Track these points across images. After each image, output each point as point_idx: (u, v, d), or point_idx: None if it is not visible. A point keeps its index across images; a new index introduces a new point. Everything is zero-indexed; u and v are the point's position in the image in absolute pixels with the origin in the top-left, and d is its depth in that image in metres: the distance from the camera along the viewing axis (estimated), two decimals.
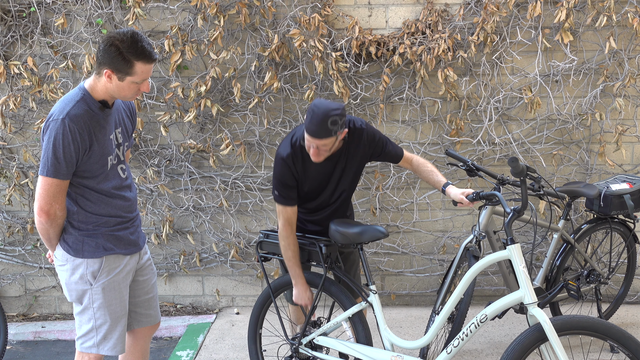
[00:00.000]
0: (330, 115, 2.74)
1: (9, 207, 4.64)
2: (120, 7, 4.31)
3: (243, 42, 4.33)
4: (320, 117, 2.74)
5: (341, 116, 2.77)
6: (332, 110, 2.75)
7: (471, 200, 2.93)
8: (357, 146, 3.02)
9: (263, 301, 3.37)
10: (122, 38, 2.44)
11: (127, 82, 2.50)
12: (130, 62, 2.45)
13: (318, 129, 2.75)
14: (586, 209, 4.07)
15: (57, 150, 2.45)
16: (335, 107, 2.77)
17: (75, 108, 2.49)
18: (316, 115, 2.75)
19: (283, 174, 2.96)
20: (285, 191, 2.99)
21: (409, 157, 3.19)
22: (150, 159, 4.50)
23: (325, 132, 2.75)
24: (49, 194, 2.50)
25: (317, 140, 2.79)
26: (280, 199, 3.00)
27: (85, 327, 2.69)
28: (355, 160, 3.05)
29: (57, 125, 2.45)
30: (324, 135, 2.76)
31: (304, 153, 2.96)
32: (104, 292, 2.65)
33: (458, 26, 4.20)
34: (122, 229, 2.70)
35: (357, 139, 3.01)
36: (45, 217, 2.52)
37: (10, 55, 4.40)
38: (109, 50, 2.45)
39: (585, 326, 2.59)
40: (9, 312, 4.78)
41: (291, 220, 3.03)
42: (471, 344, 4.00)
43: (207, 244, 4.65)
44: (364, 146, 3.03)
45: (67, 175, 2.51)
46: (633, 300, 4.56)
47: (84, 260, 2.63)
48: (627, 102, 4.36)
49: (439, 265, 4.60)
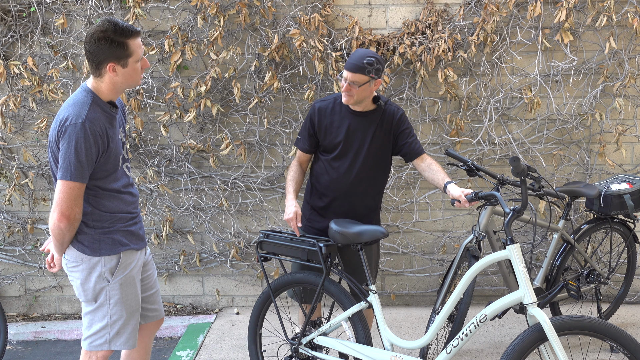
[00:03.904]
0: (368, 54, 2.98)
1: (9, 207, 4.64)
2: (120, 7, 4.31)
3: (243, 42, 4.33)
4: (359, 54, 2.99)
5: (378, 61, 2.99)
6: (370, 53, 3.00)
7: (470, 201, 2.92)
8: (389, 122, 3.17)
9: (263, 301, 3.37)
10: (104, 28, 2.46)
11: (130, 65, 2.53)
12: (124, 43, 2.48)
13: (353, 63, 2.97)
14: (586, 209, 4.07)
15: (80, 154, 2.46)
16: (375, 54, 3.01)
17: (92, 111, 2.50)
18: (356, 53, 3.02)
19: (308, 118, 3.24)
20: (302, 133, 3.28)
21: (427, 158, 3.23)
22: (150, 159, 4.50)
23: (359, 68, 2.96)
24: (71, 198, 2.50)
25: (350, 74, 2.99)
26: (297, 141, 3.33)
27: (97, 325, 2.69)
28: (381, 133, 3.16)
29: (77, 129, 2.45)
30: (357, 70, 2.96)
31: (341, 106, 3.19)
32: (121, 287, 2.67)
33: (458, 26, 4.21)
34: (134, 224, 2.73)
35: (390, 115, 3.17)
36: (67, 221, 2.51)
37: (10, 55, 4.40)
38: (100, 44, 2.46)
39: (584, 326, 2.59)
40: (9, 312, 4.78)
41: (300, 159, 3.34)
42: (471, 344, 4.00)
43: (207, 244, 4.65)
44: (394, 125, 3.18)
45: (87, 178, 2.53)
46: (633, 300, 4.56)
47: (101, 258, 2.63)
48: (627, 102, 4.36)
49: (439, 265, 4.60)
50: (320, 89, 4.34)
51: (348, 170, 3.17)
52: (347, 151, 3.16)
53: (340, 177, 3.18)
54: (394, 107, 3.20)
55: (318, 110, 3.20)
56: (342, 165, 3.17)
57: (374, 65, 2.98)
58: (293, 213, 3.16)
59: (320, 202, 3.26)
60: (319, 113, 3.19)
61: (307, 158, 3.34)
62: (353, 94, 3.02)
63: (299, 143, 3.31)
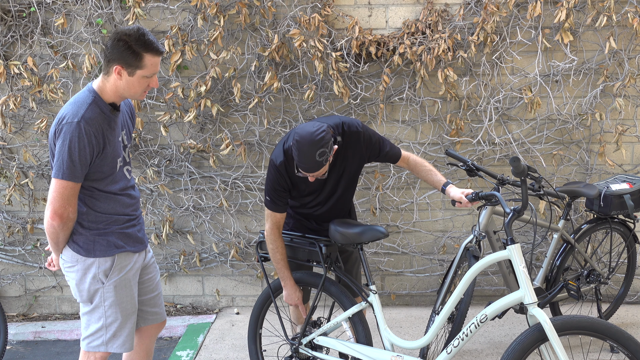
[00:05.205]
0: (316, 148, 2.70)
1: (9, 207, 4.64)
2: (120, 7, 4.31)
3: (243, 42, 4.33)
4: (307, 153, 2.71)
5: (326, 143, 2.72)
6: (316, 142, 2.70)
7: (470, 201, 2.92)
8: (354, 150, 2.99)
9: (263, 301, 3.37)
10: (129, 32, 2.47)
11: (137, 77, 2.52)
12: (140, 54, 2.47)
13: (309, 166, 2.75)
14: (586, 209, 4.07)
15: (73, 153, 2.46)
16: (318, 134, 2.71)
17: (89, 111, 2.49)
18: (303, 152, 2.72)
19: (275, 181, 2.96)
20: (277, 197, 2.99)
21: (406, 156, 3.16)
22: (150, 159, 4.50)
23: (316, 165, 2.75)
24: (64, 197, 2.50)
25: (310, 174, 2.82)
26: (270, 204, 3.01)
27: (94, 326, 2.69)
28: (353, 163, 3.03)
29: (72, 128, 2.45)
30: (316, 169, 2.77)
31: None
32: (115, 290, 2.66)
33: (458, 26, 4.20)
34: (131, 226, 2.72)
35: (354, 142, 2.97)
36: (59, 220, 2.52)
37: (10, 55, 4.40)
38: (117, 45, 2.47)
39: (585, 326, 2.59)
40: (9, 312, 4.78)
41: (279, 224, 3.06)
42: (471, 344, 4.00)
43: (207, 244, 4.65)
44: (361, 149, 3.00)
45: (81, 178, 2.52)
46: (633, 300, 4.56)
47: (95, 260, 2.63)
48: (627, 102, 4.36)
49: (439, 265, 4.60)
50: (320, 89, 4.34)
51: (324, 202, 3.12)
52: (322, 192, 3.08)
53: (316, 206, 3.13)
54: (353, 132, 2.96)
55: (285, 167, 2.93)
56: (317, 198, 3.10)
57: (327, 152, 2.74)
58: (297, 299, 3.18)
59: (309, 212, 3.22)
60: (286, 170, 2.94)
61: (284, 217, 3.09)
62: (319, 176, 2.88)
63: (277, 207, 3.00)
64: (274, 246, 3.08)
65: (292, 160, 2.91)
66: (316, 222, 3.20)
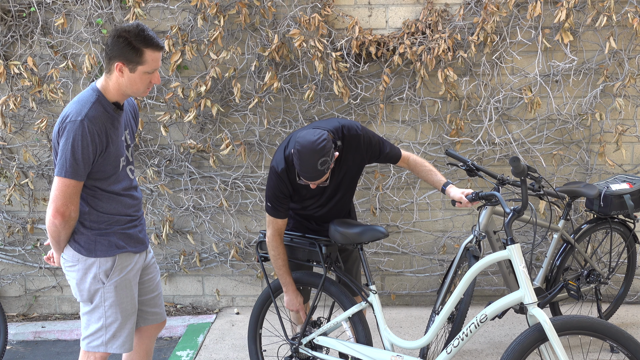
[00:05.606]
0: (317, 157, 2.70)
1: (9, 207, 4.64)
2: (120, 7, 4.31)
3: (243, 42, 4.33)
4: (309, 163, 2.71)
5: (328, 151, 2.72)
6: (317, 152, 2.69)
7: (470, 201, 2.92)
8: (354, 153, 2.98)
9: (263, 301, 3.37)
10: (129, 28, 2.48)
11: (138, 73, 2.52)
12: (140, 50, 2.48)
13: (311, 175, 2.75)
14: (586, 209, 4.07)
15: (76, 152, 2.46)
16: (319, 143, 2.70)
17: (92, 109, 2.50)
18: (304, 162, 2.72)
19: (277, 188, 2.94)
20: (278, 204, 2.97)
21: (406, 156, 3.16)
22: (150, 159, 4.50)
23: (318, 174, 2.75)
24: (66, 196, 2.50)
25: (312, 182, 2.81)
26: (272, 210, 2.99)
27: (94, 326, 2.69)
28: (353, 166, 3.02)
29: (75, 126, 2.46)
30: (318, 177, 2.76)
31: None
32: (116, 290, 2.66)
33: (458, 26, 4.20)
34: (133, 227, 2.72)
35: (355, 145, 2.96)
36: (61, 218, 2.52)
37: (10, 55, 4.40)
38: (117, 42, 2.47)
39: (585, 326, 2.59)
40: (9, 312, 4.78)
41: (281, 230, 3.05)
42: (471, 344, 4.00)
43: (207, 244, 4.65)
44: (361, 152, 2.99)
45: (84, 177, 2.52)
46: (633, 300, 4.56)
47: (96, 260, 2.63)
48: (627, 102, 4.36)
49: (439, 265, 4.60)
50: (320, 89, 4.34)
51: (324, 205, 3.11)
52: (323, 195, 3.08)
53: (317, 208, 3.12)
54: (353, 135, 2.95)
55: (286, 174, 2.92)
56: (318, 201, 3.09)
57: (328, 160, 2.73)
58: (298, 305, 3.19)
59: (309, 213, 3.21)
60: (288, 176, 2.92)
61: (286, 222, 3.07)
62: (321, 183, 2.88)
63: (279, 213, 2.98)
64: (275, 253, 3.08)
65: (293, 167, 2.90)
66: (316, 223, 3.20)
